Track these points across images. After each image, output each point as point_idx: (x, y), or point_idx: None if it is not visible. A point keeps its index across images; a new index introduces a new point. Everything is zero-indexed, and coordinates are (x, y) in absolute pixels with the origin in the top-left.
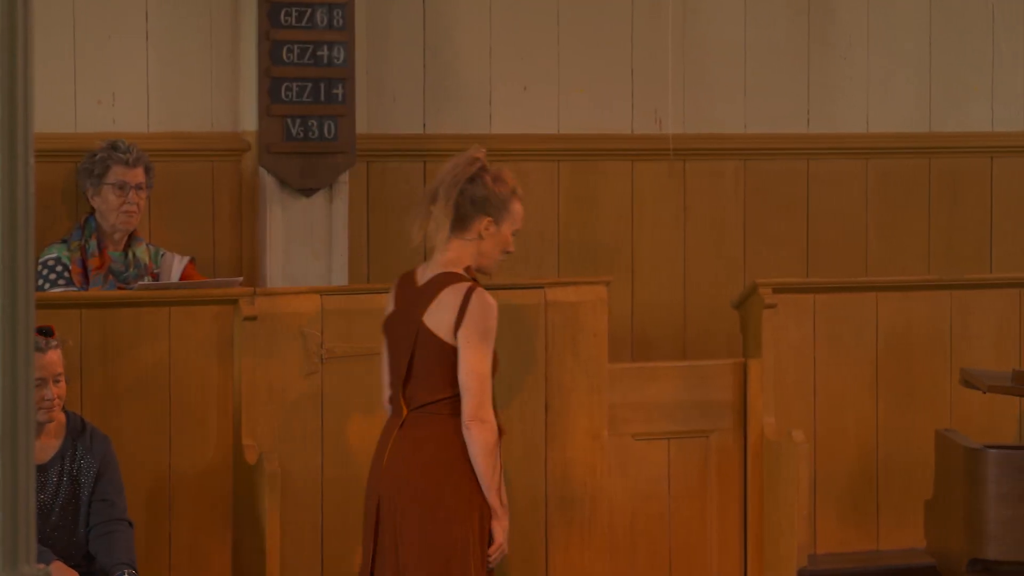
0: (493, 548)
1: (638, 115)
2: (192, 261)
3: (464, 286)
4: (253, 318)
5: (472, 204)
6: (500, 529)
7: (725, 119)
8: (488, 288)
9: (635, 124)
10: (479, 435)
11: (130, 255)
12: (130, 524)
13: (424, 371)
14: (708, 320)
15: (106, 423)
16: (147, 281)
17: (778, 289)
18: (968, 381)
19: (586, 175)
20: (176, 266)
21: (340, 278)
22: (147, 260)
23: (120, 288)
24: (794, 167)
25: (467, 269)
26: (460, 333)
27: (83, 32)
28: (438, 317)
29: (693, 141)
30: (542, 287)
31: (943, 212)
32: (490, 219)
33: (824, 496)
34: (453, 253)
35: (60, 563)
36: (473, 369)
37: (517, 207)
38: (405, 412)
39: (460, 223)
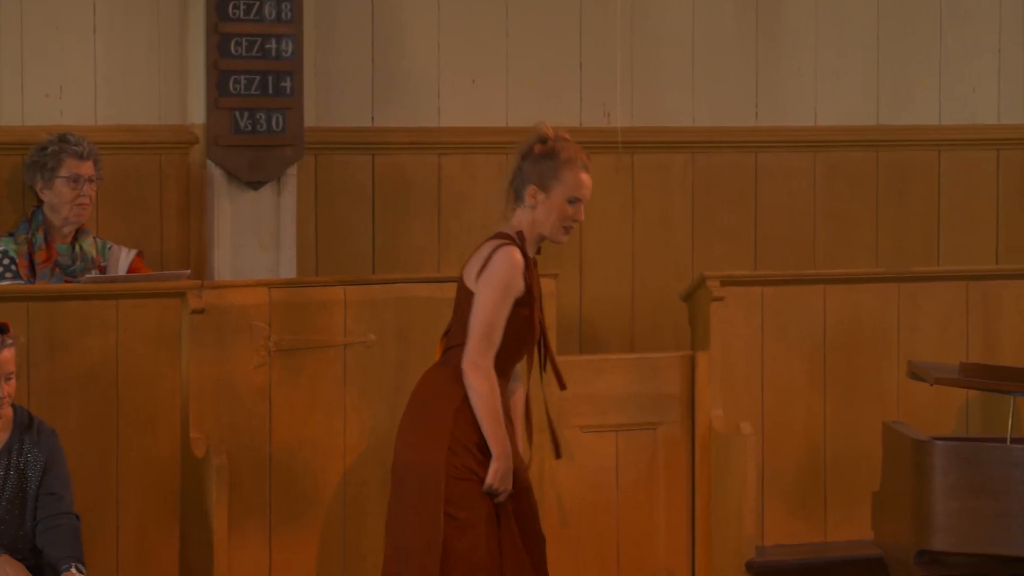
0: (484, 487)
1: (586, 108)
2: (140, 254)
3: (496, 242)
4: (201, 311)
5: (521, 175)
6: (492, 471)
7: (673, 112)
8: (434, 281)
9: (583, 117)
10: (472, 379)
11: (77, 248)
12: (77, 517)
13: (456, 318)
14: (656, 313)
15: (53, 416)
16: (94, 274)
17: (726, 282)
18: (915, 373)
19: None
20: (123, 259)
21: (288, 271)
22: (94, 253)
23: (67, 281)
24: (742, 160)
25: (519, 234)
26: (479, 281)
27: (30, 25)
28: (470, 268)
29: (641, 134)
30: None
31: (891, 205)
32: (536, 187)
33: (772, 488)
34: (514, 221)
35: (7, 556)
36: (480, 315)
37: (570, 176)
38: (438, 354)
39: (516, 194)
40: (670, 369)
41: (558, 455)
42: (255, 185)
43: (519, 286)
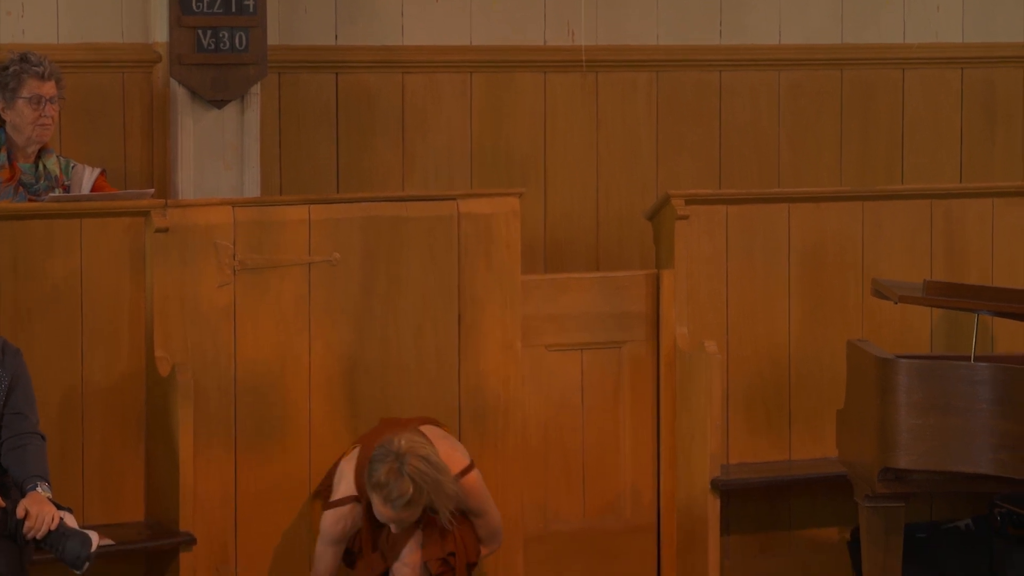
0: None
1: (550, 27)
2: (103, 173)
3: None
4: (165, 230)
5: None
6: None
7: (637, 31)
8: (398, 200)
9: (547, 36)
10: None
11: (40, 167)
12: (43, 437)
13: None
14: (621, 232)
15: (17, 336)
16: (58, 193)
17: (690, 200)
18: (880, 292)
19: (498, 87)
20: (87, 178)
21: (252, 189)
22: (58, 172)
23: (31, 200)
24: (706, 79)
25: (355, 498)
26: None
27: None
28: None
29: (605, 53)
30: (455, 199)
31: (855, 124)
32: None
33: (736, 406)
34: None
35: None
36: None
37: (375, 501)
38: None
39: None
40: (635, 288)
41: None
42: (219, 104)
43: (346, 535)
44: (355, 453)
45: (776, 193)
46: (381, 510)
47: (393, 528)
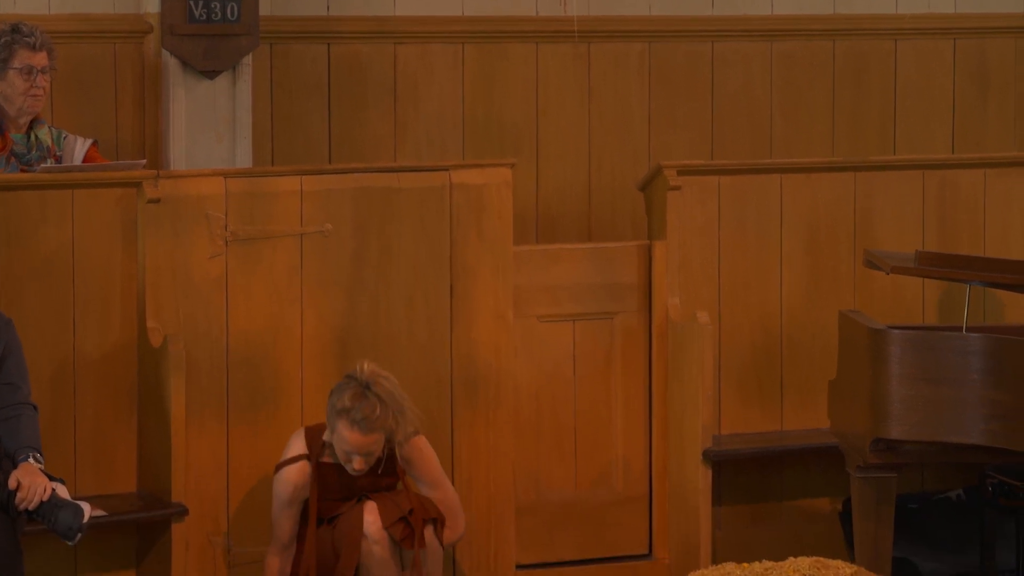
0: None
1: None
2: (95, 144)
3: (287, 457)
4: (157, 201)
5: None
6: None
7: (629, 1)
8: (391, 171)
9: (539, 6)
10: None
11: (32, 137)
12: (35, 408)
13: None
14: (613, 202)
15: (9, 307)
16: (50, 164)
17: (683, 171)
18: (872, 262)
19: (490, 57)
20: (79, 149)
21: (244, 160)
22: (49, 143)
23: (23, 171)
24: (699, 50)
25: (322, 445)
26: None
27: None
28: None
29: (598, 23)
30: (447, 169)
31: (847, 94)
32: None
33: (728, 377)
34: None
35: None
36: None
37: (340, 427)
38: None
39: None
40: (627, 258)
41: None
42: (210, 75)
43: (298, 496)
44: (302, 429)
45: (768, 164)
46: (347, 437)
47: (355, 465)
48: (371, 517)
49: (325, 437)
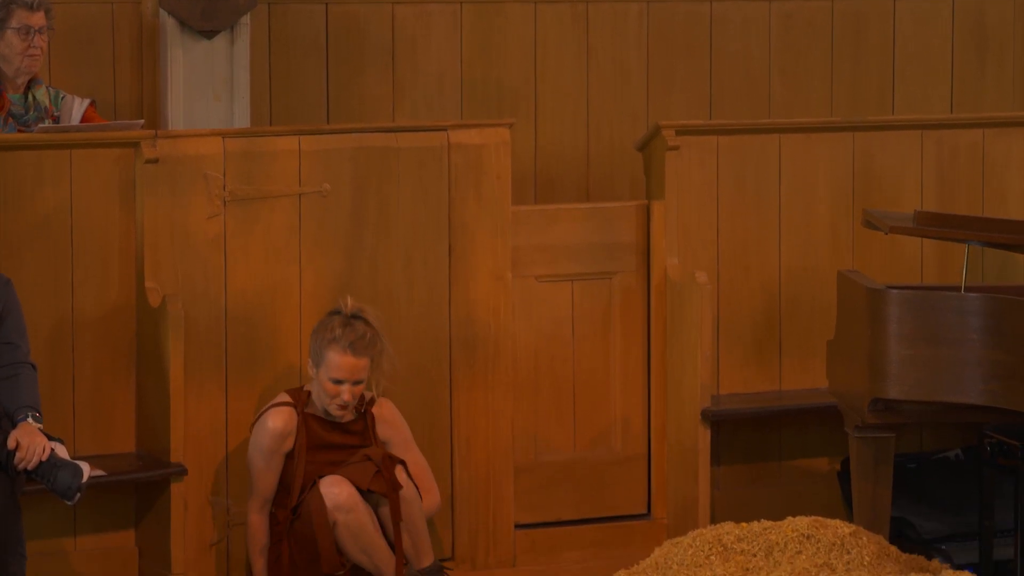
0: None
1: None
2: (93, 104)
3: (273, 402)
4: (155, 161)
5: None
6: None
7: None
8: (388, 131)
9: None
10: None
11: (30, 98)
12: (33, 367)
13: None
14: (611, 162)
15: (7, 267)
16: (47, 124)
17: (681, 131)
18: (870, 222)
19: (489, 17)
20: (76, 109)
21: (242, 120)
22: (47, 103)
23: (20, 131)
24: (697, 9)
25: (307, 393)
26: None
27: None
28: None
29: None
30: (445, 129)
31: (846, 54)
32: (311, 361)
33: (727, 337)
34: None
35: None
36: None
37: (331, 355)
38: None
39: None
40: (625, 218)
41: None
42: (208, 34)
43: (282, 446)
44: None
45: (767, 124)
46: (339, 362)
47: (344, 397)
48: (334, 489)
49: (308, 387)
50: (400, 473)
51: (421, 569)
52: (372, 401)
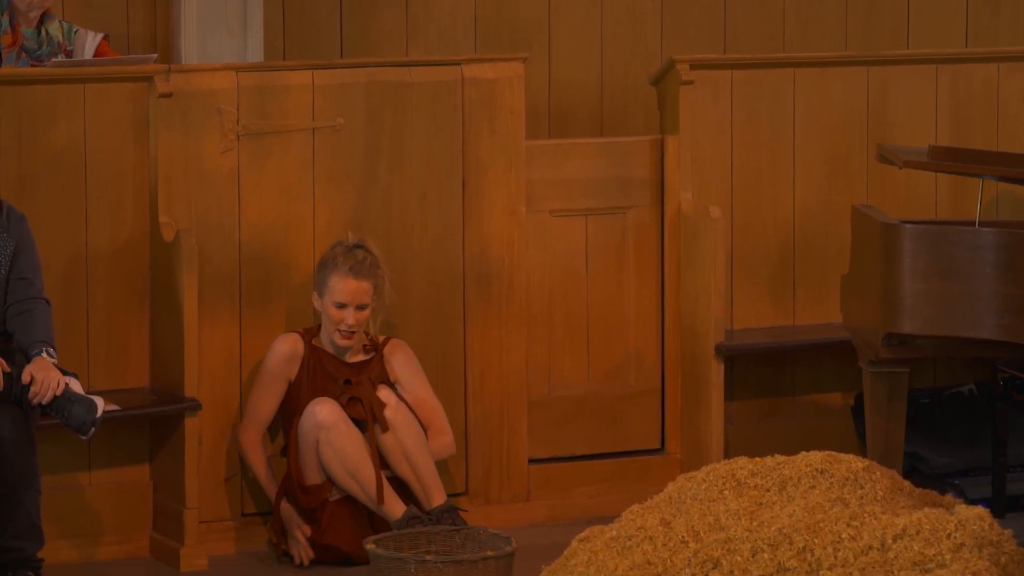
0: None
1: None
2: (106, 38)
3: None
4: (168, 95)
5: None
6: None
7: None
8: (402, 65)
9: None
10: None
11: (43, 32)
12: (48, 302)
13: None
14: (625, 97)
15: (21, 202)
16: (61, 58)
17: (695, 65)
18: (885, 157)
19: None
20: (90, 43)
21: (255, 55)
22: (60, 37)
23: (33, 66)
24: None
25: (318, 327)
26: None
27: None
28: None
29: None
30: (459, 64)
31: None
32: (316, 293)
33: (741, 272)
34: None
35: None
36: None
37: (333, 282)
38: None
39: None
40: (639, 153)
41: None
42: None
43: (287, 370)
44: None
45: (782, 58)
46: (341, 287)
47: (349, 320)
48: (316, 407)
49: (317, 305)
50: (384, 390)
51: (431, 509)
52: (385, 342)
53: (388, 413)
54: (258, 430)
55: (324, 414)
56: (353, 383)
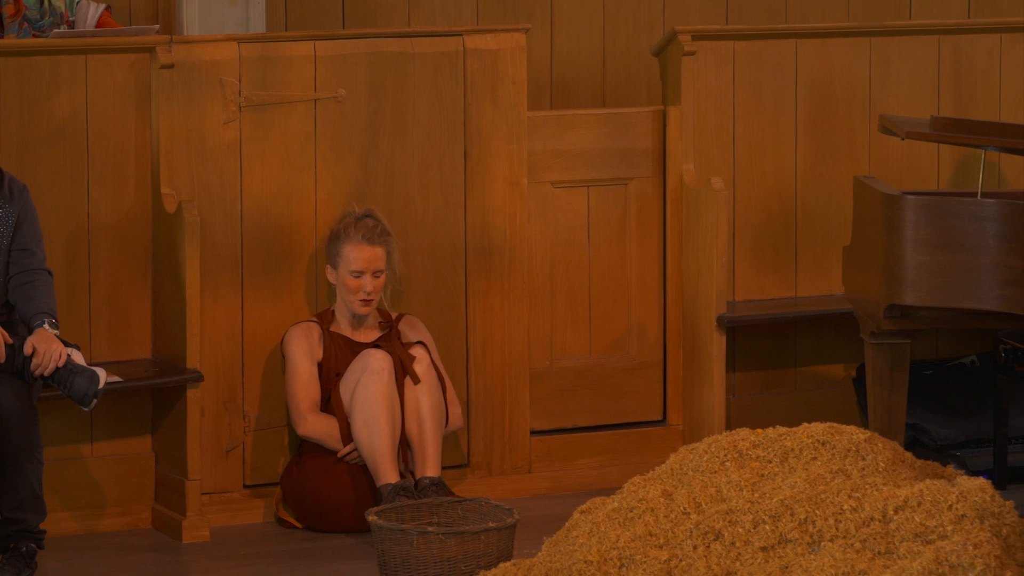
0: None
1: None
2: (108, 9)
3: None
4: (170, 66)
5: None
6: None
7: None
8: (405, 35)
9: None
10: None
11: (45, 3)
12: (50, 273)
13: None
14: (627, 68)
15: (23, 173)
16: (63, 29)
17: (697, 36)
18: (887, 127)
19: None
20: (92, 14)
21: (257, 25)
22: (63, 8)
23: (35, 36)
24: None
25: (331, 312)
26: None
27: None
28: None
29: None
30: (461, 35)
31: None
32: (329, 266)
33: (743, 243)
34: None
35: None
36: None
37: (347, 250)
38: None
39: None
40: (641, 124)
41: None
42: None
43: (311, 350)
44: None
45: (784, 29)
46: (355, 255)
47: (367, 288)
48: (372, 352)
49: (331, 278)
50: (419, 351)
51: (419, 479)
52: (399, 318)
53: (418, 368)
54: (311, 409)
55: (378, 359)
56: (382, 347)
